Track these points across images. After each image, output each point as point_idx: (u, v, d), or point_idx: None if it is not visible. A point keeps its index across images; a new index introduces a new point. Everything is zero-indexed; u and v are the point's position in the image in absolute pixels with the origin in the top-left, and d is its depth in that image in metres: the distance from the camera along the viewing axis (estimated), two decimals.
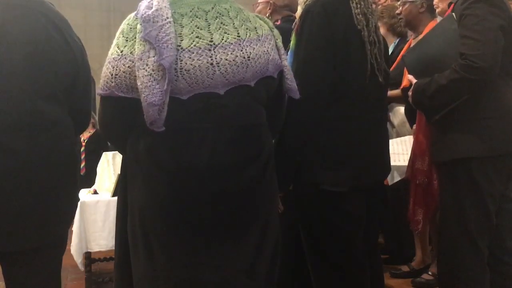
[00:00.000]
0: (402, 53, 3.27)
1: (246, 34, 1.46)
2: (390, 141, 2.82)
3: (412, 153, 2.51)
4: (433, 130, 2.18)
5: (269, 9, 2.80)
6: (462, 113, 2.00)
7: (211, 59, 1.39)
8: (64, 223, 1.80)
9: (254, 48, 1.45)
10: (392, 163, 2.52)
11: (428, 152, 2.34)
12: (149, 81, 1.33)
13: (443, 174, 2.13)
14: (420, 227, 2.60)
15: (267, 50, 1.49)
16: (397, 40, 3.55)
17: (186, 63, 1.37)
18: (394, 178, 2.87)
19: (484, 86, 1.94)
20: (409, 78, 2.17)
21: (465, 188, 2.01)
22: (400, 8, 3.09)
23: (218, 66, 1.39)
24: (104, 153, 4.08)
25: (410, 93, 2.13)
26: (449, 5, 2.27)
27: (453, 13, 2.03)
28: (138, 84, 1.36)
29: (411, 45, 3.19)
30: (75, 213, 1.86)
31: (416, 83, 2.10)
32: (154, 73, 1.34)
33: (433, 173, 2.39)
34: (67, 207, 1.80)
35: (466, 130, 2.00)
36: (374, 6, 1.96)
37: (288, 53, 1.86)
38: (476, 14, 1.91)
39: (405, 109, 3.09)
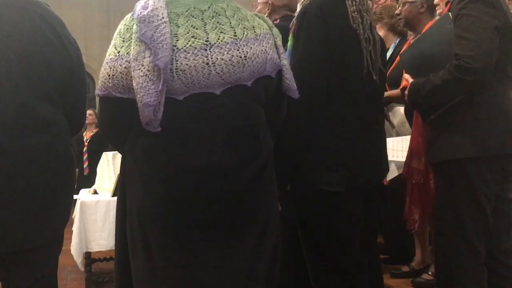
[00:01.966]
0: (401, 53, 3.27)
1: (243, 34, 1.45)
2: (390, 139, 2.82)
3: (409, 152, 2.51)
4: (429, 130, 2.18)
5: (268, 9, 2.80)
6: (457, 114, 2.00)
7: (207, 59, 1.38)
8: (59, 224, 1.80)
9: (251, 47, 1.44)
10: (390, 158, 2.52)
11: (424, 151, 2.34)
12: (145, 82, 1.33)
13: (439, 174, 2.13)
14: (416, 226, 2.60)
15: (265, 50, 1.48)
16: (398, 40, 3.54)
17: (181, 63, 1.36)
18: (391, 172, 2.87)
19: (479, 87, 1.94)
20: (405, 77, 2.17)
21: (461, 189, 2.01)
22: (400, 8, 3.08)
23: (214, 66, 1.38)
24: (104, 153, 4.08)
25: (406, 92, 2.13)
26: (446, 4, 2.27)
27: (449, 13, 2.03)
28: (134, 84, 1.35)
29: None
30: (70, 213, 1.86)
31: (411, 82, 2.10)
32: (150, 74, 1.33)
33: (429, 173, 2.39)
34: (63, 207, 1.80)
35: (461, 131, 2.00)
36: (370, 3, 1.96)
37: (286, 53, 1.86)
38: (472, 14, 1.91)
39: (405, 109, 3.09)
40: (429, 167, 2.30)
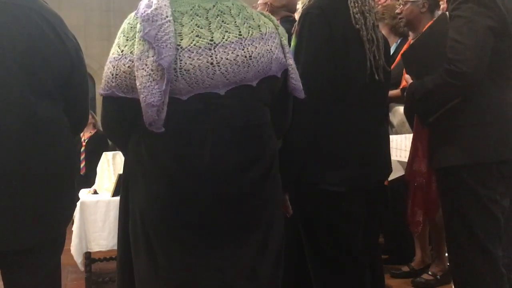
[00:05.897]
0: (401, 53, 3.27)
1: (249, 33, 1.43)
2: (394, 136, 2.80)
3: (410, 154, 2.50)
4: (429, 133, 2.14)
5: (267, 10, 2.80)
6: (451, 119, 1.96)
7: (211, 59, 1.37)
8: (61, 223, 1.79)
9: (256, 46, 1.43)
10: (394, 157, 2.50)
11: (425, 153, 2.32)
12: (148, 81, 1.32)
13: (441, 181, 2.09)
14: (419, 228, 2.59)
15: (271, 49, 1.46)
16: (399, 40, 3.54)
17: (185, 63, 1.35)
18: (395, 172, 2.86)
19: (471, 91, 1.90)
20: (405, 78, 2.15)
21: (463, 195, 1.96)
22: (401, 7, 3.06)
23: (219, 66, 1.37)
24: (104, 153, 4.08)
25: (405, 94, 2.11)
26: (447, 1, 2.26)
27: (447, 12, 2.00)
28: (137, 84, 1.34)
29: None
30: (73, 213, 1.86)
31: (410, 84, 2.07)
32: (153, 73, 1.32)
33: (431, 174, 2.37)
34: (64, 207, 1.79)
35: (453, 138, 1.96)
36: (372, 3, 1.95)
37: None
38: (463, 15, 1.86)
39: (404, 109, 3.08)
40: (431, 169, 2.28)
